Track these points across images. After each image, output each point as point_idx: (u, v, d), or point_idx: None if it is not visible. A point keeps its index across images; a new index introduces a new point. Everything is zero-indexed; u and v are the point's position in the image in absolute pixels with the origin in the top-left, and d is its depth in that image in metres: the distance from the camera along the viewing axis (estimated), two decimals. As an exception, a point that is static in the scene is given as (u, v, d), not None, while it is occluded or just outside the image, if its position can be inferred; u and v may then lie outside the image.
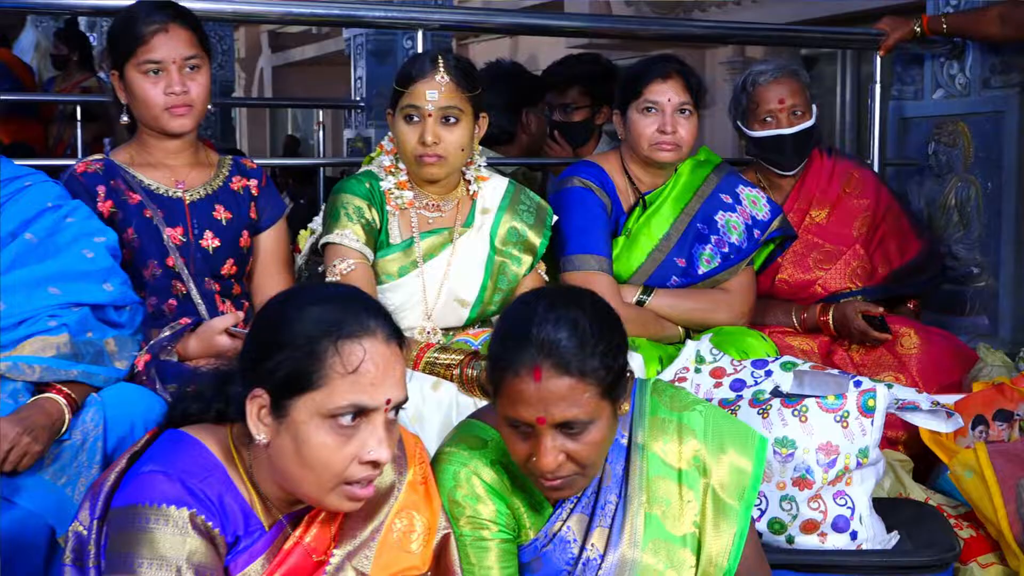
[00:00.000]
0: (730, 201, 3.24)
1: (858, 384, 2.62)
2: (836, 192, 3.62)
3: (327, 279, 2.73)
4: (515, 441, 1.96)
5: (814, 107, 3.54)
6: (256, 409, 1.75)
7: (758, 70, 3.53)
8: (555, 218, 3.02)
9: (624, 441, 2.11)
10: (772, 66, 3.51)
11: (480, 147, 2.93)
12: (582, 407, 1.90)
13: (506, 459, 2.06)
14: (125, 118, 2.79)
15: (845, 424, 2.54)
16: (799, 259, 3.54)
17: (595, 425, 1.93)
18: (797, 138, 3.48)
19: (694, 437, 2.11)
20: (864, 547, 2.56)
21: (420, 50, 3.56)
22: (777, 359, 2.82)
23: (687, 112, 3.11)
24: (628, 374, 2.02)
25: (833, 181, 3.63)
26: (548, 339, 1.89)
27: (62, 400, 2.30)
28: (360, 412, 1.73)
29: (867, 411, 2.56)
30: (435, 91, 2.73)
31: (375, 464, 1.75)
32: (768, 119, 3.47)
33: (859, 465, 2.56)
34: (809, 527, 2.54)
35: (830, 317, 3.42)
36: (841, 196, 3.62)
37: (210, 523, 1.73)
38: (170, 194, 2.77)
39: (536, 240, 2.94)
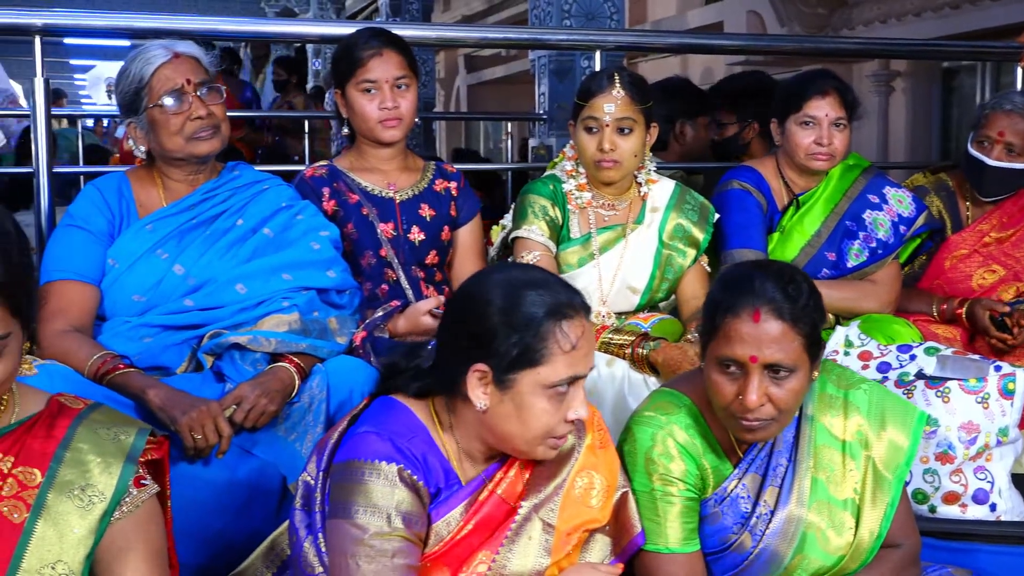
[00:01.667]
0: (877, 201, 3.12)
1: (998, 369, 2.50)
2: None
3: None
4: (723, 383, 1.95)
5: None
6: (477, 382, 1.77)
7: (1004, 97, 3.26)
8: (716, 216, 2.96)
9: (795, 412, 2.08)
10: (1018, 98, 3.22)
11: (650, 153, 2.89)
12: (789, 353, 1.90)
13: (698, 423, 2.06)
14: (346, 130, 2.85)
15: (986, 405, 2.43)
16: (963, 277, 3.30)
17: (796, 375, 1.92)
18: (998, 172, 3.20)
19: (858, 414, 2.09)
20: (1003, 518, 2.44)
21: (597, 69, 3.53)
22: (921, 344, 2.71)
23: (841, 125, 3.00)
24: (822, 343, 2.00)
25: None
26: (768, 288, 1.91)
27: (293, 369, 2.36)
28: (572, 380, 1.77)
29: (1007, 394, 2.45)
30: (612, 104, 2.72)
31: (576, 421, 1.80)
32: (984, 143, 3.22)
33: (999, 443, 2.44)
34: (951, 498, 2.44)
35: (964, 311, 3.22)
36: None
37: (415, 477, 1.75)
38: (383, 194, 2.82)
39: (700, 235, 2.90)
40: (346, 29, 3.04)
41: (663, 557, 2.00)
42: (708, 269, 2.95)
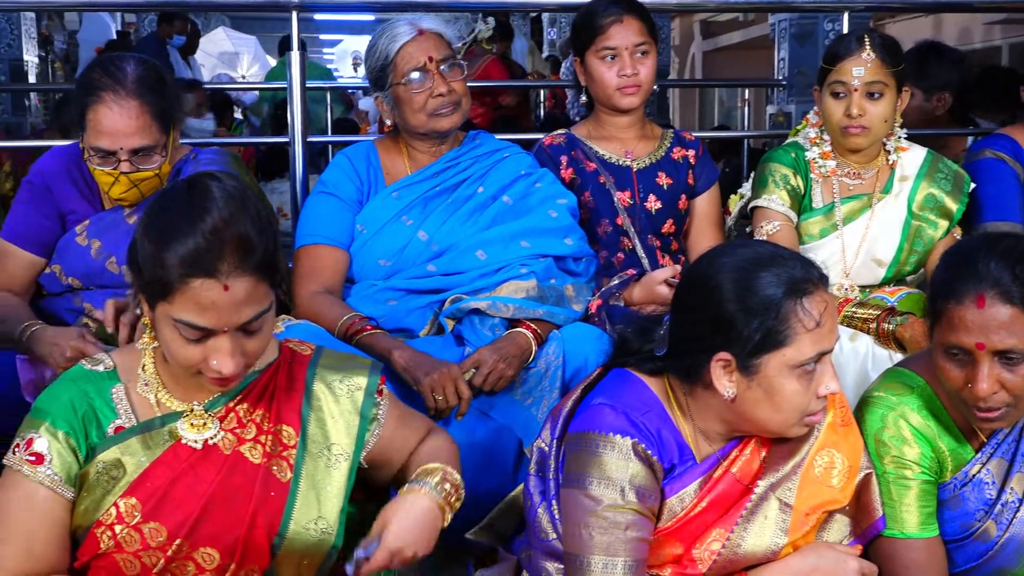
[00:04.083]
0: None
1: None
2: None
3: (755, 239, 2.65)
4: (951, 369, 1.83)
5: None
6: (722, 371, 1.72)
7: None
8: (972, 186, 2.77)
9: None
10: None
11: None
12: (1021, 338, 1.75)
13: (932, 404, 1.94)
14: (584, 98, 2.84)
15: None
16: None
17: None
18: None
19: None
20: None
21: (844, 31, 3.37)
22: None
23: None
24: None
25: None
26: (993, 270, 1.76)
27: (530, 334, 2.38)
28: (819, 356, 1.71)
29: None
30: (861, 68, 2.58)
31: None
32: None
33: None
34: None
35: None
36: None
37: (649, 451, 1.73)
38: (620, 163, 2.79)
39: (953, 206, 2.73)
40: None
41: (900, 542, 1.90)
42: (961, 241, 2.77)
